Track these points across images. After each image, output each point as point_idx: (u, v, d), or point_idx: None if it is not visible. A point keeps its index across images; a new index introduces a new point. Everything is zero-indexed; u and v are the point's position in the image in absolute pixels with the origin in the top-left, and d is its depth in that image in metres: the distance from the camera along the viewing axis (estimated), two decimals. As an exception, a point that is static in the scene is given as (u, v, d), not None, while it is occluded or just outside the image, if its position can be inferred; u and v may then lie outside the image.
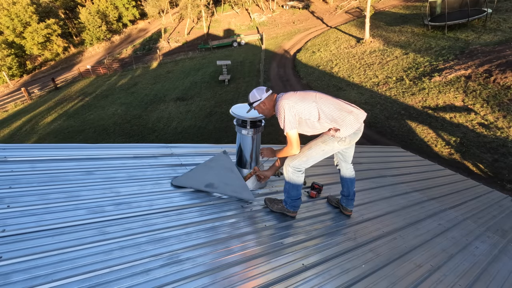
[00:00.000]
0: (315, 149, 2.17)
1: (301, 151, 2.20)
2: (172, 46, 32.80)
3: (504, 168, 7.93)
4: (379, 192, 3.39)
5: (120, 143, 12.35)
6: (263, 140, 2.68)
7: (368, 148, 5.73)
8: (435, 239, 2.65)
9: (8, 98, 25.32)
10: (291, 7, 34.88)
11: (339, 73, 16.60)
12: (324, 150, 2.17)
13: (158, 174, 2.49)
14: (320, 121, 2.06)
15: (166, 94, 19.13)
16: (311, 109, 2.04)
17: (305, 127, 2.12)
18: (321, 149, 2.17)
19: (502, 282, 2.34)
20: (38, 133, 16.49)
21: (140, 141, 13.49)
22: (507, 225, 3.55)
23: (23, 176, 1.98)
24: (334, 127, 2.07)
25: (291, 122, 2.03)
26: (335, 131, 2.08)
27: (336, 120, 2.05)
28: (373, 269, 2.01)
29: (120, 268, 1.47)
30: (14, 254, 1.39)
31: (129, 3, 40.62)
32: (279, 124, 2.08)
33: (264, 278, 1.67)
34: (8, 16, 32.51)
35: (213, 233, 1.96)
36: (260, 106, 2.17)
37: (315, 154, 2.18)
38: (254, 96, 2.15)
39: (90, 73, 27.63)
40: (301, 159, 2.20)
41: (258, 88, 2.17)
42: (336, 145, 2.14)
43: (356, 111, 2.10)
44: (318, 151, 2.17)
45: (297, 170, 2.23)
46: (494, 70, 11.44)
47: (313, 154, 2.18)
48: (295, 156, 2.20)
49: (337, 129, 2.07)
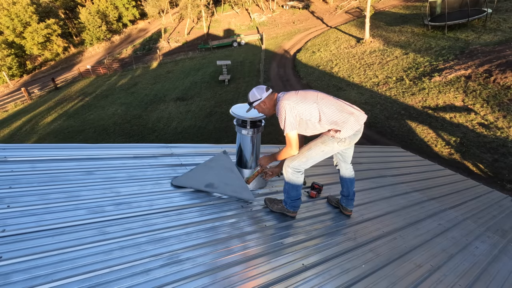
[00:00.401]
0: (315, 149, 2.17)
1: (300, 151, 2.19)
2: (172, 46, 32.79)
3: (504, 168, 7.93)
4: (379, 192, 3.39)
5: (120, 143, 12.35)
6: (263, 140, 2.68)
7: (368, 148, 5.73)
8: (435, 239, 2.65)
9: (8, 98, 25.31)
10: (291, 7, 34.88)
11: (339, 73, 16.60)
12: (324, 151, 2.17)
13: (158, 174, 2.49)
14: (320, 122, 2.06)
15: (166, 94, 19.13)
16: (312, 110, 2.03)
17: (305, 128, 2.12)
18: (320, 149, 2.16)
19: (502, 282, 2.34)
20: (38, 133, 16.49)
21: (140, 141, 13.49)
22: (507, 225, 3.55)
23: (23, 176, 1.98)
24: (335, 128, 2.07)
25: (292, 123, 2.02)
26: (335, 132, 2.08)
27: (337, 121, 2.05)
28: (373, 269, 2.01)
29: (120, 268, 1.47)
30: (14, 254, 1.39)
31: (129, 3, 40.61)
32: (279, 124, 2.07)
33: (264, 278, 1.67)
34: (8, 16, 32.50)
35: (213, 233, 1.96)
36: (260, 106, 2.16)
37: (315, 154, 2.18)
38: (254, 95, 2.13)
39: (90, 73, 27.62)
40: (300, 159, 2.20)
41: (258, 87, 2.15)
42: (336, 146, 2.14)
43: (357, 112, 2.10)
44: (318, 151, 2.17)
45: (297, 171, 2.23)
46: (494, 70, 11.44)
47: (312, 154, 2.18)
48: (295, 156, 2.20)
49: (337, 130, 2.06)
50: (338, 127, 2.06)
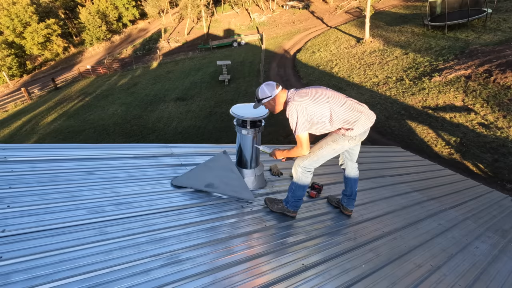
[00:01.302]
0: (326, 148, 2.16)
1: (311, 151, 2.18)
2: (172, 46, 32.79)
3: (504, 168, 7.93)
4: (379, 192, 3.39)
5: (120, 143, 12.35)
6: (263, 140, 2.68)
7: (368, 148, 5.73)
8: (435, 239, 2.65)
9: (8, 98, 25.29)
10: (291, 7, 34.87)
11: (339, 73, 16.60)
12: (335, 149, 2.16)
13: (158, 174, 2.49)
14: (331, 121, 2.04)
15: (166, 94, 19.13)
16: (324, 110, 2.02)
17: (316, 127, 2.09)
18: (332, 148, 2.15)
19: (502, 282, 2.34)
20: (38, 133, 16.49)
21: (140, 141, 13.49)
22: (507, 225, 3.55)
23: (23, 176, 1.98)
24: (346, 126, 2.06)
25: (303, 124, 2.00)
26: (345, 130, 2.06)
27: (349, 120, 2.04)
28: (373, 269, 2.01)
29: (120, 268, 1.47)
30: (14, 254, 1.39)
31: (129, 3, 40.59)
32: (290, 124, 2.04)
33: (264, 278, 1.67)
34: (8, 16, 32.49)
35: (213, 233, 1.96)
36: (269, 103, 2.12)
37: (326, 153, 2.17)
38: (264, 92, 2.08)
39: (90, 73, 27.61)
40: (312, 159, 2.19)
41: (267, 83, 2.09)
42: (347, 144, 2.14)
43: (366, 111, 2.10)
44: (329, 150, 2.16)
45: (307, 170, 2.23)
46: (494, 70, 11.43)
47: (324, 153, 2.17)
48: (306, 156, 2.18)
49: (349, 128, 2.05)
50: (349, 125, 2.05)
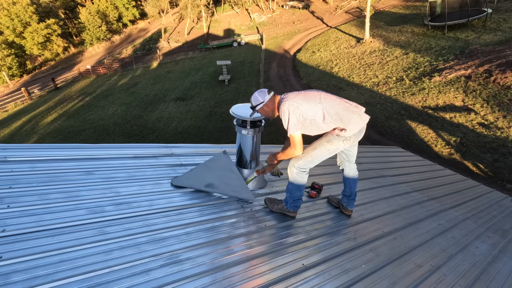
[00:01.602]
0: (320, 149, 2.17)
1: (305, 151, 2.19)
2: (172, 46, 32.79)
3: (504, 168, 7.93)
4: (379, 192, 3.39)
5: (120, 143, 12.35)
6: (263, 140, 2.68)
7: (368, 148, 5.73)
8: (435, 239, 2.65)
9: (8, 98, 25.28)
10: (291, 7, 34.87)
11: (339, 73, 16.60)
12: (330, 150, 2.17)
13: (158, 174, 2.49)
14: (325, 121, 2.05)
15: (166, 94, 19.13)
16: (316, 110, 2.03)
17: (310, 128, 2.11)
18: (326, 148, 2.16)
19: (502, 282, 2.34)
20: (38, 133, 16.48)
21: (140, 141, 13.49)
22: (507, 225, 3.55)
23: (23, 176, 1.98)
24: (340, 127, 2.07)
25: (295, 124, 2.01)
26: (340, 131, 2.08)
27: (342, 119, 2.05)
28: (373, 269, 2.00)
29: (120, 268, 1.47)
30: (14, 254, 1.39)
31: (129, 3, 40.60)
32: (283, 125, 2.07)
33: (264, 278, 1.67)
34: (8, 16, 32.49)
35: (213, 233, 1.96)
36: (263, 109, 2.16)
37: (320, 154, 2.18)
38: (257, 99, 2.13)
39: (90, 73, 27.60)
40: (306, 159, 2.19)
41: (259, 90, 2.16)
42: (341, 144, 2.14)
43: (359, 111, 2.11)
44: (323, 150, 2.17)
45: (302, 171, 2.23)
46: (494, 70, 11.43)
47: (318, 154, 2.18)
48: (300, 156, 2.19)
49: (343, 129, 2.06)
50: (343, 125, 2.06)
